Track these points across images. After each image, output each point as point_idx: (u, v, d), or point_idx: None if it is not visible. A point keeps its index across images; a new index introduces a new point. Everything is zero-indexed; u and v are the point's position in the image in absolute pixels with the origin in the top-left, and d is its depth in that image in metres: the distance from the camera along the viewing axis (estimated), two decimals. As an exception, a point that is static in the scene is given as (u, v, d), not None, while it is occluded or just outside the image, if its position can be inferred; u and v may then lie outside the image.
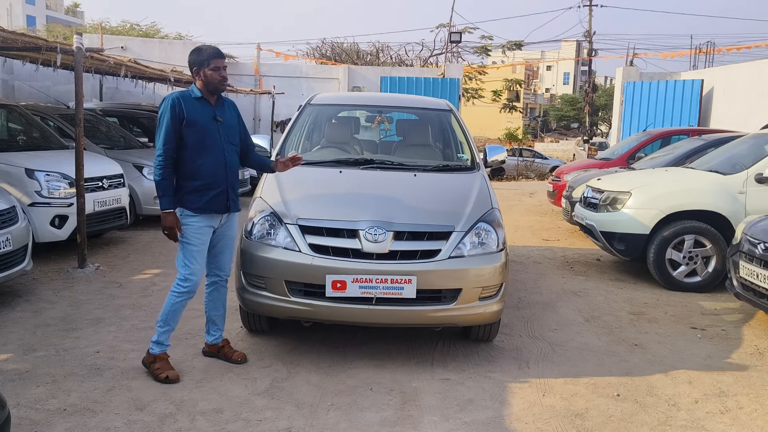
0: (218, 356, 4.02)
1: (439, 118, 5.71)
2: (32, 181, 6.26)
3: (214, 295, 4.01)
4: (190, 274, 3.73)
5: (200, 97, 3.78)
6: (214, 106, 3.81)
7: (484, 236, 4.03)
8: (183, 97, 3.75)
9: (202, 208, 3.73)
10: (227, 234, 3.95)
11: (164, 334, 3.77)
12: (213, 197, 3.74)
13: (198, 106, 3.76)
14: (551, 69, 70.76)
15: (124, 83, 13.51)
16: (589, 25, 31.23)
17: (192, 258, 3.75)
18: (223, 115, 3.84)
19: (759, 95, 13.56)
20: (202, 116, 3.74)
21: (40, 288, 5.57)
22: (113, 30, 27.89)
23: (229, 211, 3.87)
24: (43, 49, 7.02)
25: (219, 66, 3.76)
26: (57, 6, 58.19)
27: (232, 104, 4.03)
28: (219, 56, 3.79)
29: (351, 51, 29.84)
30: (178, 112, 3.68)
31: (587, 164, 11.18)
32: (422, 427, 3.27)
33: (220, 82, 3.77)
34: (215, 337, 4.05)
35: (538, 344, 4.54)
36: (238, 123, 3.98)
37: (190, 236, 3.74)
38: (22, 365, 3.86)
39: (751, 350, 4.57)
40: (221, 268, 3.99)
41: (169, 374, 3.69)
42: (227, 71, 3.85)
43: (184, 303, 3.78)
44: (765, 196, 5.99)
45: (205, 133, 3.73)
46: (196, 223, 3.74)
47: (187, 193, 3.74)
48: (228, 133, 3.86)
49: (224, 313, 4.07)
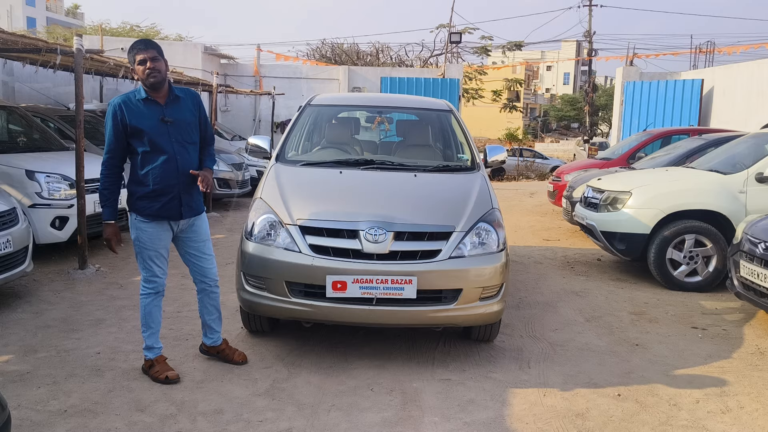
0: (218, 357, 3.99)
1: (439, 119, 5.71)
2: (32, 182, 6.26)
3: (204, 302, 3.91)
4: (151, 276, 3.67)
5: (146, 97, 3.53)
6: (162, 106, 3.55)
7: (484, 236, 4.02)
8: (126, 101, 3.52)
9: (153, 215, 3.58)
10: (196, 238, 3.76)
11: (150, 337, 3.73)
12: (164, 204, 3.56)
13: (143, 108, 3.52)
14: (551, 69, 70.77)
15: (125, 85, 13.51)
16: (589, 25, 31.23)
17: (150, 261, 3.65)
18: (174, 114, 3.57)
19: (759, 95, 13.56)
20: (148, 120, 3.50)
21: (40, 289, 5.57)
22: (113, 31, 27.91)
23: (183, 217, 3.65)
24: (43, 51, 7.01)
25: (145, 58, 3.45)
26: (57, 8, 58.26)
27: (191, 96, 3.71)
28: (141, 48, 3.49)
29: (351, 52, 29.85)
30: (120, 118, 3.48)
31: (587, 164, 11.18)
32: (423, 427, 3.27)
33: (147, 76, 3.45)
34: (213, 339, 3.99)
35: (539, 344, 4.54)
36: (195, 118, 3.69)
37: (144, 241, 3.62)
38: (23, 366, 3.86)
39: (752, 350, 4.56)
40: (205, 275, 3.83)
41: (169, 374, 3.67)
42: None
43: (155, 303, 3.72)
44: (765, 196, 5.99)
45: (152, 137, 3.49)
46: (149, 228, 3.61)
47: (138, 199, 3.59)
48: (181, 133, 3.59)
49: (219, 316, 3.97)
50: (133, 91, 3.59)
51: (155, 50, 3.52)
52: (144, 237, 3.61)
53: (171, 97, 3.59)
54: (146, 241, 3.62)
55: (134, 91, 3.58)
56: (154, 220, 3.59)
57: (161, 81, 3.52)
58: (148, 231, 3.61)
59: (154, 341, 3.75)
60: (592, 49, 31.11)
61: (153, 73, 3.46)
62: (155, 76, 3.47)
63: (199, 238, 3.78)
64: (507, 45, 34.79)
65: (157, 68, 3.47)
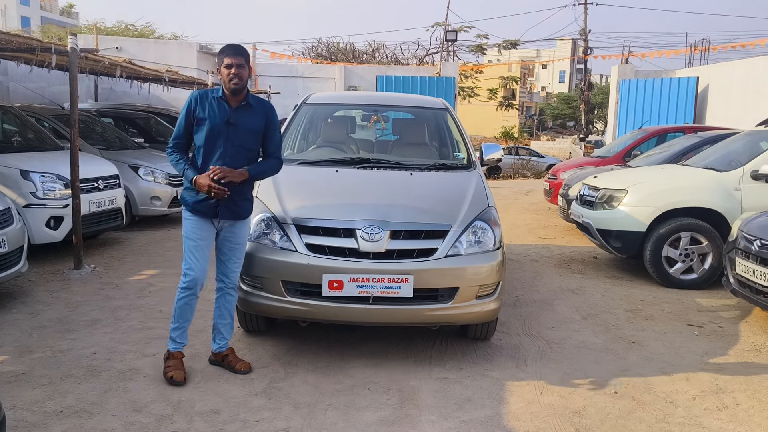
0: (222, 365, 3.90)
1: (435, 117, 5.70)
2: (27, 182, 6.23)
3: (220, 302, 3.88)
4: (188, 269, 3.67)
5: (221, 96, 3.67)
6: (233, 108, 3.66)
7: (480, 235, 4.02)
8: (203, 94, 3.69)
9: (192, 207, 3.69)
10: (231, 240, 3.79)
11: (175, 331, 3.74)
12: (202, 200, 3.65)
13: (215, 106, 3.65)
14: (547, 67, 70.79)
15: (120, 84, 13.46)
16: (584, 23, 31.30)
17: (189, 252, 3.68)
18: (240, 118, 3.67)
19: (754, 92, 13.59)
20: (214, 117, 3.63)
21: (36, 290, 5.55)
22: (108, 31, 27.84)
23: (218, 217, 3.70)
24: (38, 50, 6.99)
25: (230, 63, 3.59)
26: (52, 7, 58.05)
27: (263, 106, 3.81)
28: (230, 53, 3.63)
29: (347, 50, 29.84)
30: (193, 109, 3.65)
31: (583, 162, 11.19)
32: (420, 426, 3.27)
33: (230, 81, 3.59)
34: (220, 345, 3.92)
35: (536, 342, 4.54)
36: (262, 129, 3.77)
37: (188, 230, 3.70)
38: (19, 367, 3.84)
39: (748, 347, 4.57)
40: (226, 275, 3.84)
41: (174, 374, 3.64)
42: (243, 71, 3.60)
43: (187, 301, 3.70)
44: (761, 193, 6.01)
45: (212, 134, 3.62)
46: (192, 218, 3.70)
47: (185, 189, 3.72)
48: (240, 138, 3.68)
49: (231, 322, 3.94)
50: (213, 88, 3.74)
51: (243, 58, 3.65)
52: (187, 226, 3.71)
53: (243, 103, 3.70)
54: (188, 230, 3.70)
55: (214, 89, 3.73)
56: (194, 213, 3.69)
57: (241, 88, 3.65)
58: (191, 220, 3.70)
59: (178, 335, 3.76)
60: (587, 48, 31.18)
61: (235, 80, 3.59)
62: (237, 83, 3.60)
63: (234, 239, 3.80)
64: (503, 43, 34.86)
65: (240, 75, 3.60)
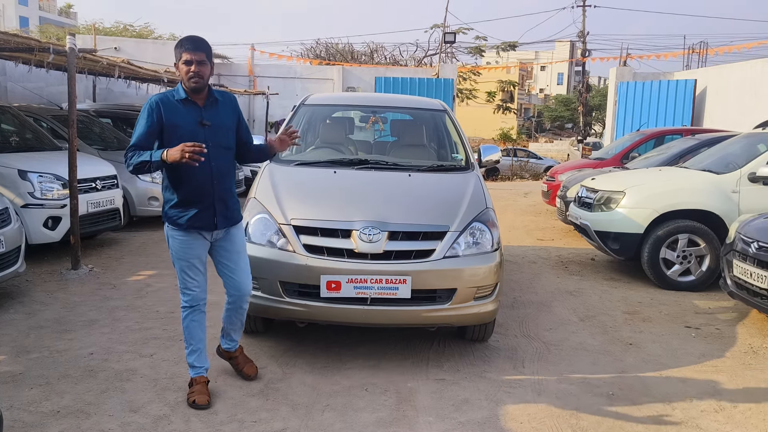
0: (230, 363, 3.80)
1: (434, 119, 5.71)
2: (25, 182, 6.23)
3: (230, 312, 3.64)
4: (185, 289, 3.43)
5: (184, 98, 3.31)
6: (201, 108, 3.34)
7: (478, 236, 4.03)
8: (164, 99, 3.30)
9: (186, 225, 3.34)
10: (230, 249, 3.50)
11: (190, 356, 3.50)
12: (196, 214, 3.33)
13: (181, 109, 3.30)
14: (545, 69, 70.86)
15: (118, 84, 13.46)
16: (582, 25, 31.34)
17: (182, 272, 3.42)
18: (212, 117, 3.36)
19: (751, 95, 13.62)
20: (186, 121, 3.29)
21: (33, 290, 5.54)
22: (107, 31, 27.84)
23: (217, 228, 3.41)
24: (36, 50, 6.99)
25: (189, 59, 3.22)
26: (50, 7, 58.01)
27: (229, 100, 3.52)
28: (189, 47, 3.24)
29: (345, 51, 29.85)
30: (158, 116, 3.26)
31: (581, 164, 11.21)
32: (418, 427, 3.27)
33: (189, 79, 3.24)
34: (230, 345, 3.76)
35: (533, 344, 4.54)
36: (233, 122, 3.49)
37: (177, 250, 3.40)
38: (16, 367, 3.84)
39: (745, 349, 4.58)
40: (238, 289, 3.54)
41: (198, 399, 3.40)
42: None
43: (194, 319, 3.47)
44: (758, 195, 6.02)
45: (188, 139, 3.20)
46: (182, 237, 3.38)
47: (171, 207, 3.37)
48: (218, 137, 3.36)
49: (241, 326, 3.73)
50: (170, 91, 3.39)
51: (204, 53, 3.27)
52: (176, 246, 3.40)
53: (210, 100, 3.38)
54: (178, 250, 3.39)
55: (172, 91, 3.37)
56: (187, 231, 3.37)
57: (202, 87, 3.31)
58: (180, 240, 3.38)
59: (195, 359, 3.50)
60: (585, 50, 31.23)
61: (195, 78, 3.25)
62: (197, 82, 3.26)
63: (233, 248, 3.51)
64: (501, 45, 34.86)
65: (201, 73, 3.26)
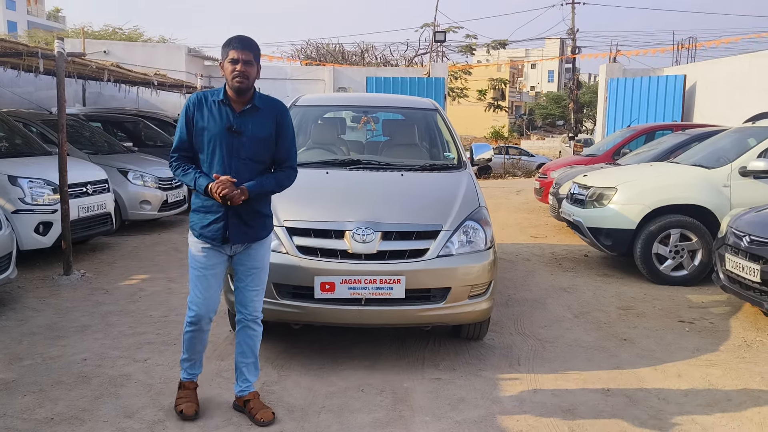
0: (243, 411, 3.35)
1: (425, 118, 5.71)
2: (15, 188, 6.18)
3: (240, 338, 3.36)
4: (191, 303, 3.23)
5: (222, 99, 3.13)
6: (236, 113, 3.12)
7: (472, 234, 4.03)
8: (202, 98, 3.15)
9: (197, 233, 3.18)
10: (246, 264, 3.26)
11: (185, 362, 3.36)
12: (209, 224, 3.14)
13: (215, 110, 3.12)
14: (536, 67, 71.06)
15: (108, 88, 13.40)
16: (572, 22, 31.43)
17: (192, 283, 3.22)
18: (245, 125, 3.11)
19: (741, 89, 13.70)
20: (214, 124, 3.10)
21: (25, 296, 5.50)
22: (96, 34, 27.69)
23: (229, 242, 3.16)
24: (25, 55, 6.94)
25: (236, 58, 3.05)
26: (38, 11, 57.71)
27: (272, 109, 3.23)
28: (237, 46, 3.07)
29: (336, 52, 29.81)
30: (192, 115, 3.13)
31: (573, 161, 11.24)
32: (414, 427, 3.27)
33: (233, 78, 3.06)
34: (241, 388, 3.39)
35: (528, 341, 4.55)
36: (272, 135, 3.20)
37: (192, 257, 3.22)
38: (9, 374, 3.81)
39: (738, 342, 4.60)
40: (244, 305, 3.31)
41: (185, 408, 3.28)
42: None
43: (194, 335, 3.27)
44: (749, 189, 6.05)
45: (212, 144, 3.09)
46: (195, 244, 3.20)
47: (192, 212, 3.23)
48: (246, 148, 3.12)
49: (255, 362, 3.40)
50: (213, 90, 3.21)
51: (252, 53, 3.10)
52: (190, 251, 3.24)
53: (249, 107, 3.15)
54: (193, 257, 3.22)
55: (215, 90, 3.20)
56: (199, 240, 3.19)
57: (247, 89, 3.11)
58: (194, 246, 3.22)
59: (187, 366, 3.37)
60: (575, 47, 31.33)
61: (240, 78, 3.06)
62: (241, 82, 3.07)
63: (249, 264, 3.27)
64: (491, 43, 34.95)
65: (246, 73, 3.07)
